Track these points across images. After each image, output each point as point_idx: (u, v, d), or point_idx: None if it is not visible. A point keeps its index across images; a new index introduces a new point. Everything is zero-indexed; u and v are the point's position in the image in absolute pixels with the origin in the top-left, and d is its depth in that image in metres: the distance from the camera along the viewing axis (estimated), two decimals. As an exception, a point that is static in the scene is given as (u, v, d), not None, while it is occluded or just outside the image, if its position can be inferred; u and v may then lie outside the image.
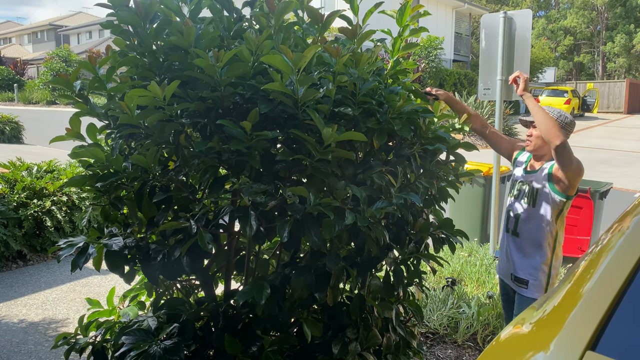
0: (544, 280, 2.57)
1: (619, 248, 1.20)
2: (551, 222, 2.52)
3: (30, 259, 5.05)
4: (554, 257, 2.57)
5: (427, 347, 3.38)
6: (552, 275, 2.58)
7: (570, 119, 2.55)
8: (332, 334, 2.16)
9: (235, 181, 1.91)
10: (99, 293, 4.33)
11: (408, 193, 1.96)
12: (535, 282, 2.57)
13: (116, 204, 2.02)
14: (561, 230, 2.55)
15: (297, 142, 1.94)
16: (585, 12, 43.96)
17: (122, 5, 1.88)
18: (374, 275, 2.45)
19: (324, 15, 2.06)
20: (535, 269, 2.56)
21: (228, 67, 1.76)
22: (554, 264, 2.57)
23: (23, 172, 5.33)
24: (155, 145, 1.93)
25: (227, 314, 2.10)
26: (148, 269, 1.94)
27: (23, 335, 3.55)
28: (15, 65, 31.04)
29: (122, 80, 2.01)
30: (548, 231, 2.53)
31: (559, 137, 2.32)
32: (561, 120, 2.51)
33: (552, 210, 2.50)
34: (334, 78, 1.86)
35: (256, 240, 1.89)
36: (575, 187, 2.46)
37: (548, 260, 2.55)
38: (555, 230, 2.54)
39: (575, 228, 4.90)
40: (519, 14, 4.79)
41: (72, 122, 1.99)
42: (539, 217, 2.53)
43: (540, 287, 2.57)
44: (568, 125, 2.53)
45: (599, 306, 0.99)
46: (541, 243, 2.55)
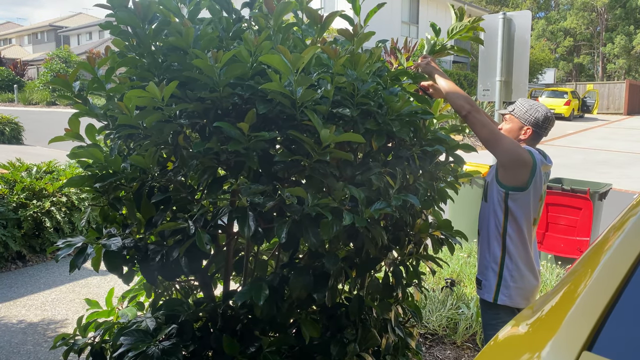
0: (494, 281, 2.33)
1: (617, 248, 1.21)
2: (498, 216, 2.30)
3: (29, 259, 5.05)
4: (506, 255, 2.31)
5: (426, 348, 3.37)
6: (506, 277, 2.30)
7: (543, 115, 2.32)
8: (330, 335, 2.16)
9: (233, 182, 1.92)
10: (98, 294, 4.33)
11: (406, 194, 1.96)
12: (486, 283, 2.37)
13: (115, 204, 2.02)
14: (512, 227, 2.28)
15: (295, 143, 1.95)
16: (585, 14, 44.02)
17: (121, 6, 1.88)
18: (373, 276, 2.45)
19: (323, 16, 2.07)
20: (486, 267, 2.37)
21: (227, 68, 1.76)
22: (507, 264, 2.31)
23: (22, 173, 5.33)
24: (154, 146, 1.93)
25: (226, 315, 2.10)
26: (147, 269, 1.94)
27: (22, 336, 3.55)
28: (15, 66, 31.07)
29: (121, 81, 2.01)
30: (494, 226, 2.33)
31: (462, 108, 2.22)
32: (529, 115, 2.32)
33: (498, 203, 2.30)
34: (332, 79, 1.86)
35: (255, 240, 1.89)
36: (518, 178, 2.22)
37: (497, 258, 2.32)
38: (503, 225, 2.30)
39: (575, 229, 4.90)
40: (519, 15, 4.80)
41: (71, 123, 1.99)
42: (489, 212, 2.36)
43: (489, 288, 2.34)
44: (542, 122, 2.32)
45: (596, 306, 0.99)
46: (489, 240, 2.36)
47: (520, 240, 2.29)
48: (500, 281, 2.31)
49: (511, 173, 2.22)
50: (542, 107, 2.33)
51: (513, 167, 2.20)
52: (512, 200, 2.25)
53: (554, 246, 5.01)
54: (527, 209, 2.27)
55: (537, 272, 2.39)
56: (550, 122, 2.34)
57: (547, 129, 2.35)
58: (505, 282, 2.30)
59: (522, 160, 2.18)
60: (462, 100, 2.22)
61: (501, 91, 4.83)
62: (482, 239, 2.41)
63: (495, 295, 2.31)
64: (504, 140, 2.18)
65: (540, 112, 2.31)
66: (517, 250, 2.29)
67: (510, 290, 2.29)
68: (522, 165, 2.19)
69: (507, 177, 2.24)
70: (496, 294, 2.31)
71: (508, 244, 2.30)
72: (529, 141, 2.33)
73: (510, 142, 2.19)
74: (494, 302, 2.31)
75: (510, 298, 2.30)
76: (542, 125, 2.32)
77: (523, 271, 2.30)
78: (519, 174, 2.21)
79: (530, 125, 2.31)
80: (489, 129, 2.19)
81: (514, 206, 2.26)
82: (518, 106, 2.35)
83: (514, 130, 2.34)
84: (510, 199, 2.26)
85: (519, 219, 2.27)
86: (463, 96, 2.23)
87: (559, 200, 4.96)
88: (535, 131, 2.33)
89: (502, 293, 2.30)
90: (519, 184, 2.22)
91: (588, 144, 16.07)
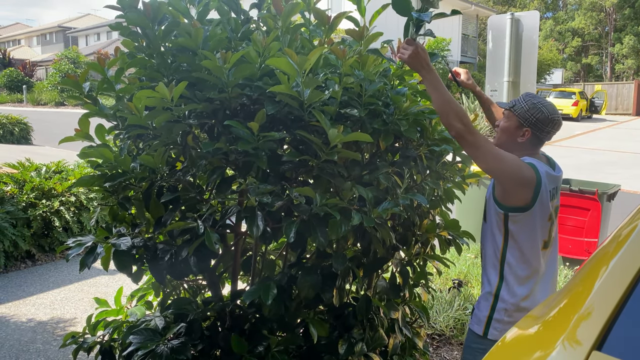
0: (486, 312, 1.98)
1: (626, 249, 1.20)
2: (496, 240, 1.97)
3: (38, 258, 5.08)
4: (503, 286, 1.95)
5: (433, 349, 3.37)
6: (499, 311, 1.95)
7: (546, 116, 1.91)
8: (338, 335, 2.16)
9: (242, 182, 1.92)
10: (107, 293, 4.36)
11: (414, 194, 1.96)
12: (477, 312, 2.03)
13: (124, 204, 2.03)
14: (512, 254, 1.94)
15: (303, 143, 1.95)
16: (594, 14, 43.74)
17: (131, 7, 1.90)
18: (380, 276, 2.45)
19: (330, 16, 2.07)
20: (482, 295, 2.04)
21: (235, 69, 1.77)
22: (502, 297, 1.95)
23: (32, 173, 5.37)
24: (163, 146, 1.95)
25: (234, 314, 2.11)
26: (155, 268, 1.95)
27: (32, 335, 3.58)
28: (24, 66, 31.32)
29: (131, 82, 2.03)
30: (492, 251, 1.99)
31: (452, 127, 1.81)
32: (530, 114, 1.92)
33: (496, 225, 1.96)
34: (340, 79, 1.86)
35: (263, 240, 1.90)
36: (519, 197, 1.87)
37: (494, 287, 1.98)
38: (502, 251, 1.95)
39: (583, 230, 4.88)
40: (526, 16, 4.78)
41: (81, 123, 2.01)
42: (488, 234, 2.02)
43: (480, 320, 2.00)
44: (543, 125, 1.91)
45: (606, 306, 0.99)
46: (487, 266, 2.03)
47: (522, 269, 1.93)
48: (492, 314, 1.97)
49: (511, 192, 1.88)
50: (547, 107, 1.92)
51: (512, 187, 1.86)
52: (513, 222, 1.91)
53: (562, 247, 4.99)
54: (533, 231, 1.91)
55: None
56: (554, 126, 1.94)
57: (549, 133, 1.94)
58: (498, 316, 1.96)
59: (523, 179, 1.84)
60: (453, 117, 1.80)
61: (509, 92, 4.81)
62: (483, 261, 2.09)
63: (486, 328, 1.98)
64: (500, 160, 1.83)
65: (543, 113, 1.91)
66: (517, 282, 1.94)
67: (504, 325, 1.94)
68: (524, 185, 1.84)
69: (506, 197, 1.90)
70: (486, 327, 1.98)
71: (506, 273, 1.95)
72: (527, 145, 1.96)
73: (508, 160, 1.83)
74: (484, 335, 1.98)
75: (501, 333, 1.92)
76: (543, 129, 1.92)
77: (520, 304, 1.93)
78: (521, 193, 1.86)
79: (529, 127, 1.93)
80: (482, 151, 1.82)
81: (515, 229, 1.91)
82: (519, 103, 1.95)
83: (510, 130, 1.96)
84: (510, 221, 1.91)
85: (521, 243, 1.92)
86: (455, 111, 1.80)
87: (567, 201, 4.94)
88: (535, 134, 1.93)
89: (494, 327, 1.96)
90: (521, 203, 1.87)
91: (596, 145, 15.97)
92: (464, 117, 1.80)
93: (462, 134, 1.80)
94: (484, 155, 1.82)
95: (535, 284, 1.95)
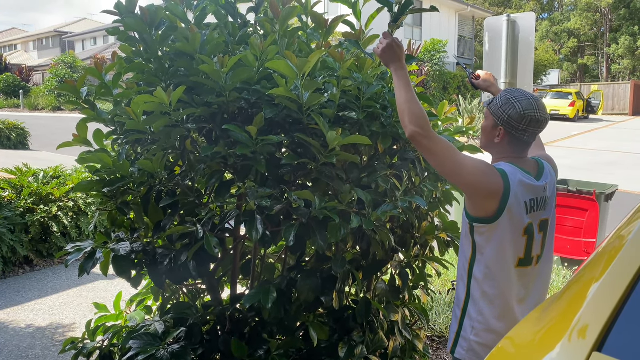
0: (454, 327, 1.85)
1: (626, 250, 1.21)
2: (465, 252, 1.82)
3: (37, 264, 5.07)
4: (470, 301, 1.79)
5: (433, 351, 3.37)
6: (466, 328, 1.80)
7: (518, 112, 1.68)
8: (338, 338, 2.16)
9: (241, 185, 1.93)
10: (106, 298, 4.35)
11: (413, 196, 1.97)
12: (451, 327, 1.90)
13: (123, 208, 2.03)
14: (479, 268, 1.76)
15: (302, 146, 1.96)
16: (589, 14, 43.89)
17: (128, 12, 1.90)
18: (380, 278, 2.45)
19: (327, 20, 2.08)
20: (453, 310, 1.91)
21: (233, 73, 1.78)
22: (469, 312, 1.79)
23: (29, 178, 5.36)
24: (161, 151, 1.95)
25: (234, 318, 2.11)
26: (155, 273, 1.95)
27: (30, 340, 3.56)
28: (21, 71, 31.24)
29: (129, 86, 2.03)
30: (462, 263, 1.84)
31: (406, 128, 1.67)
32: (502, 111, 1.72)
33: (465, 235, 1.81)
34: (339, 82, 1.87)
35: (262, 244, 1.90)
36: (482, 208, 1.70)
37: (461, 302, 1.82)
38: (470, 263, 1.79)
39: (581, 230, 4.89)
40: (523, 17, 4.79)
41: (79, 128, 2.01)
42: (461, 244, 1.87)
43: (450, 336, 1.88)
44: (516, 122, 1.70)
45: (606, 307, 0.99)
46: (457, 278, 1.88)
47: (490, 285, 1.74)
48: (459, 330, 1.83)
49: (474, 202, 1.72)
50: (522, 102, 1.70)
51: (475, 196, 1.71)
52: (479, 234, 1.74)
53: (561, 248, 5.00)
54: (501, 246, 1.72)
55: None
56: (529, 123, 1.69)
57: (525, 131, 1.71)
58: (465, 334, 1.81)
59: (486, 189, 1.67)
60: (410, 118, 1.66)
61: (506, 93, 4.82)
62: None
63: (453, 346, 1.85)
64: (460, 168, 1.67)
65: (515, 109, 1.69)
66: (484, 298, 1.76)
67: (472, 344, 1.79)
68: (488, 195, 1.68)
69: (470, 206, 1.74)
70: (454, 345, 1.84)
71: (473, 287, 1.78)
72: (506, 147, 1.76)
73: (470, 168, 1.67)
74: (451, 352, 1.86)
75: (468, 353, 1.80)
76: (517, 127, 1.70)
77: (491, 322, 1.75)
78: (484, 203, 1.69)
79: (502, 125, 1.73)
80: (438, 156, 1.68)
81: (480, 241, 1.74)
82: (497, 98, 1.77)
83: (488, 130, 1.80)
84: (476, 233, 1.75)
85: (487, 257, 1.74)
86: (413, 112, 1.66)
87: (565, 201, 4.95)
88: (510, 133, 1.72)
89: (460, 346, 1.82)
90: (484, 214, 1.70)
91: (593, 145, 16.01)
92: (421, 120, 1.66)
93: (415, 137, 1.66)
94: (442, 162, 1.68)
95: (508, 306, 1.76)
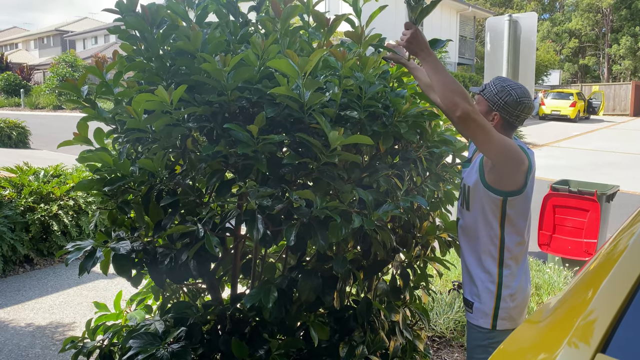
0: (491, 304, 1.95)
1: (629, 250, 1.20)
2: (491, 228, 1.93)
3: (37, 263, 5.07)
4: (505, 271, 1.94)
5: (434, 351, 3.36)
6: (506, 298, 1.93)
7: (514, 99, 1.86)
8: (339, 338, 2.16)
9: (241, 185, 1.92)
10: (106, 297, 4.34)
11: (414, 196, 1.96)
12: (479, 306, 1.98)
13: (123, 207, 2.03)
14: (511, 238, 1.93)
15: (303, 146, 1.95)
16: (590, 15, 43.86)
17: (129, 11, 1.90)
18: (381, 278, 2.45)
19: (329, 19, 2.07)
20: (479, 288, 1.98)
21: (234, 72, 1.77)
22: (505, 283, 1.93)
23: (30, 177, 5.36)
24: (162, 150, 1.94)
25: (234, 318, 2.10)
26: (155, 272, 1.95)
27: (30, 339, 3.56)
28: (22, 70, 31.26)
29: (129, 85, 2.02)
30: (488, 240, 1.94)
31: (458, 107, 1.71)
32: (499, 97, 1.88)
33: (490, 212, 1.92)
34: (340, 82, 1.86)
35: (263, 243, 1.89)
36: (515, 180, 1.86)
37: (494, 277, 1.94)
38: (500, 237, 1.93)
39: (582, 231, 4.88)
40: (524, 17, 4.79)
41: (80, 127, 2.00)
42: (476, 223, 1.97)
43: (485, 313, 1.96)
44: (512, 108, 1.86)
45: (610, 308, 0.99)
46: (481, 256, 1.97)
47: (520, 250, 1.95)
48: (498, 303, 1.94)
49: (505, 176, 1.85)
50: (515, 90, 1.87)
51: (508, 169, 1.84)
52: (511, 206, 1.89)
53: (562, 248, 4.99)
54: (527, 212, 1.94)
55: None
56: (523, 109, 1.87)
57: (519, 117, 1.89)
58: (504, 304, 1.93)
59: (518, 159, 1.82)
60: (459, 96, 1.71)
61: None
62: (468, 255, 2.03)
63: (494, 320, 1.95)
64: (499, 139, 1.78)
65: (511, 96, 1.86)
66: (516, 263, 1.95)
67: (511, 311, 1.94)
68: (518, 165, 1.83)
69: (500, 181, 1.87)
70: (494, 319, 1.95)
71: (506, 258, 1.93)
72: (499, 130, 1.89)
73: (505, 140, 1.80)
74: (492, 328, 1.95)
75: (511, 320, 1.95)
76: (512, 112, 1.87)
77: (523, 284, 1.97)
78: (515, 175, 1.85)
79: (498, 111, 1.88)
80: (486, 130, 1.75)
81: (513, 213, 1.90)
82: (489, 86, 1.92)
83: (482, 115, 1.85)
84: (508, 206, 1.89)
85: (518, 226, 1.93)
86: (460, 91, 1.72)
87: (566, 202, 4.94)
88: (505, 118, 1.89)
89: (502, 317, 1.94)
90: (516, 187, 1.87)
91: (594, 146, 16.00)
92: (469, 98, 1.73)
93: (469, 113, 1.71)
94: (492, 138, 1.75)
95: (526, 262, 2.02)
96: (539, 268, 4.68)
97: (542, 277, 4.39)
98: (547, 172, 9.82)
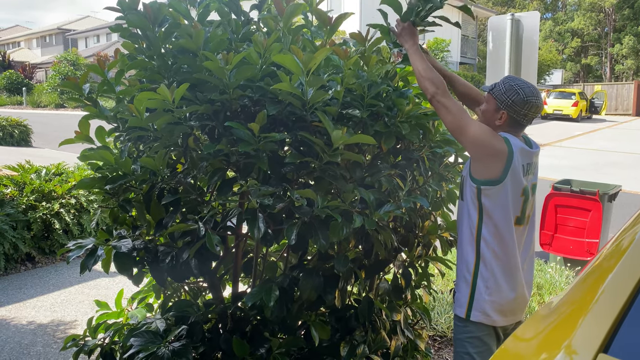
0: (467, 292, 1.97)
1: (632, 250, 1.20)
2: (469, 217, 1.96)
3: (38, 261, 5.07)
4: (481, 262, 1.94)
5: (435, 350, 3.36)
6: (480, 288, 1.94)
7: (522, 98, 1.90)
8: (340, 337, 2.16)
9: (243, 183, 1.92)
10: (107, 295, 4.35)
11: (416, 196, 1.96)
12: (458, 295, 2.01)
13: (125, 206, 2.03)
14: (488, 229, 1.93)
15: (304, 144, 1.95)
16: (593, 14, 43.77)
17: (131, 9, 1.89)
18: (382, 277, 2.45)
19: (332, 17, 2.07)
20: (459, 277, 2.02)
21: (237, 70, 1.77)
22: (481, 273, 1.93)
23: (32, 175, 5.36)
24: (163, 148, 1.94)
25: (235, 316, 2.10)
26: (156, 271, 1.95)
27: (32, 337, 3.56)
28: (24, 69, 31.30)
29: (131, 84, 2.02)
30: (468, 228, 1.97)
31: (427, 91, 1.91)
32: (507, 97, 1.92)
33: (471, 201, 1.95)
34: (343, 80, 1.86)
35: (264, 242, 1.89)
36: (491, 170, 1.88)
37: (471, 266, 1.96)
38: (477, 227, 1.94)
39: (584, 231, 4.87)
40: (527, 16, 4.77)
41: (82, 125, 2.00)
42: (463, 211, 2.01)
43: (461, 302, 1.99)
44: (519, 107, 1.91)
45: (612, 309, 0.98)
46: (463, 244, 2.01)
47: (498, 244, 1.93)
48: (473, 293, 1.95)
49: (482, 165, 1.90)
50: (523, 90, 1.92)
51: (483, 157, 1.89)
52: (486, 196, 1.91)
53: (563, 248, 4.98)
54: (505, 206, 1.91)
55: (520, 282, 1.98)
56: (530, 108, 1.92)
57: (526, 115, 1.93)
58: (479, 295, 1.94)
59: (492, 149, 1.86)
60: (428, 81, 1.91)
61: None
62: (458, 244, 2.07)
63: (468, 310, 1.96)
64: (471, 127, 1.87)
65: (519, 95, 1.90)
66: (494, 256, 1.93)
67: (485, 304, 1.94)
68: (493, 155, 1.87)
69: (478, 170, 1.91)
70: (469, 309, 1.96)
71: (482, 248, 1.94)
72: (506, 128, 1.95)
73: (478, 128, 1.88)
74: (467, 318, 1.97)
75: (484, 314, 1.94)
76: (519, 111, 1.91)
77: (500, 281, 1.93)
78: (491, 165, 1.88)
79: (505, 109, 1.93)
80: (453, 114, 1.88)
81: (488, 203, 1.91)
82: (498, 85, 1.97)
83: (489, 113, 1.97)
84: (483, 195, 1.91)
85: (495, 218, 1.92)
86: (430, 77, 1.92)
87: (568, 201, 4.93)
88: (512, 117, 1.93)
89: (475, 308, 1.95)
90: (492, 176, 1.89)
91: (596, 145, 15.97)
92: (438, 82, 1.93)
93: (435, 96, 1.91)
94: (456, 118, 1.89)
95: (513, 262, 1.95)
96: (540, 268, 4.67)
97: (544, 277, 4.39)
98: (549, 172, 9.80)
